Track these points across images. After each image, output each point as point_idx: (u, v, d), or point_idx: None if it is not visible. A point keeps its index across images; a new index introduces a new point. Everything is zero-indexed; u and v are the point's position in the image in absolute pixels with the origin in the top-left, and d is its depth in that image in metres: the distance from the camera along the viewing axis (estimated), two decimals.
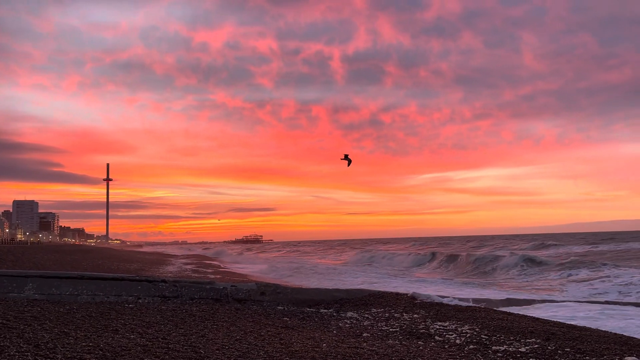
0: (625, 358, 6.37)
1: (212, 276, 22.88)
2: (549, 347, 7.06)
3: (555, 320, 10.37)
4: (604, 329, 9.50)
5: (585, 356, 6.54)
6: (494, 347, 7.11)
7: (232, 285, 11.84)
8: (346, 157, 18.85)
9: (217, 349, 6.01)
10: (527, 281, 27.89)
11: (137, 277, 11.41)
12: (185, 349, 5.90)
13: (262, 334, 7.43)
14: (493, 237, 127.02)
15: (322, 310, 10.72)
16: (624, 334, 8.95)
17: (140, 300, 10.48)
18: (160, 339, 6.37)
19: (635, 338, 8.50)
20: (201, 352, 5.75)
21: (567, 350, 6.85)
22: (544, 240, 77.49)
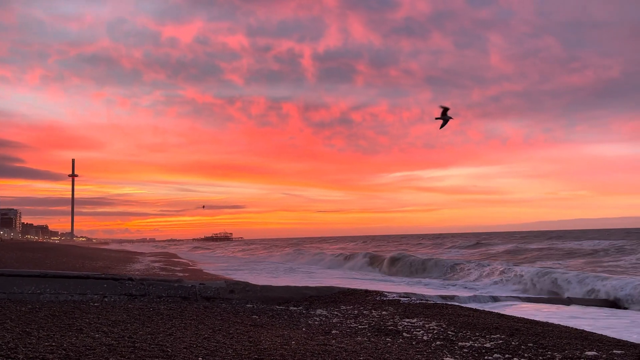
0: (586, 353, 6.58)
1: (181, 274, 22.62)
2: (513, 343, 7.24)
3: (518, 316, 10.62)
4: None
5: (547, 351, 6.72)
6: (460, 343, 7.24)
7: (200, 284, 11.73)
8: (444, 112, 14.82)
9: (184, 348, 5.94)
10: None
11: (103, 275, 11.20)
12: (152, 347, 5.82)
13: (231, 332, 7.39)
14: (453, 235, 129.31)
15: (291, 308, 10.72)
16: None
17: (106, 299, 10.28)
18: (126, 338, 6.26)
19: (595, 333, 8.78)
20: (168, 351, 5.68)
21: (530, 346, 7.03)
22: (493, 238, 79.10)
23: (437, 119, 15.37)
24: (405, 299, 12.36)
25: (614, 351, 6.71)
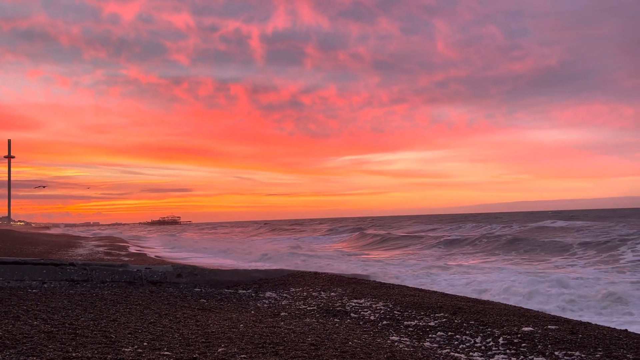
0: (523, 328, 6.90)
1: (126, 259, 22.04)
2: (456, 321, 7.50)
3: (462, 295, 11.01)
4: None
5: (487, 328, 7.00)
6: (405, 322, 7.44)
7: (146, 268, 11.48)
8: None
9: (129, 333, 5.80)
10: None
11: (42, 261, 10.75)
12: (95, 334, 5.65)
13: (178, 316, 7.28)
14: (400, 218, 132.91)
15: (240, 291, 10.67)
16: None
17: (45, 285, 9.89)
18: (67, 325, 6.05)
19: (532, 310, 9.24)
20: (112, 337, 5.53)
21: (471, 323, 7.30)
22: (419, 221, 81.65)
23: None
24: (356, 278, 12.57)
25: (549, 327, 7.08)
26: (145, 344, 5.33)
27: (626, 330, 7.23)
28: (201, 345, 5.40)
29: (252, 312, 8.21)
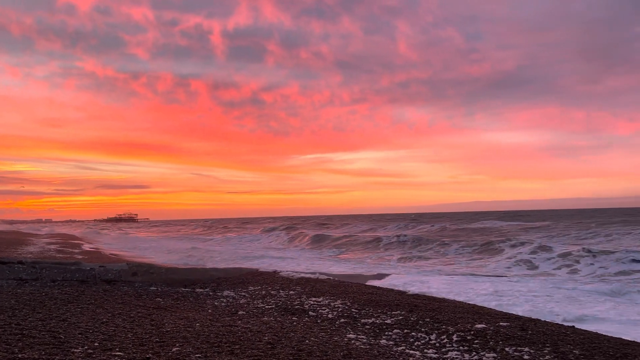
0: (476, 325, 7.08)
1: (80, 257, 21.39)
2: (412, 318, 7.62)
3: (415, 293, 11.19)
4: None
5: (442, 325, 7.14)
6: (363, 320, 7.50)
7: (100, 266, 11.17)
8: None
9: (79, 334, 5.63)
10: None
11: None
12: (43, 334, 5.45)
13: (132, 315, 7.12)
14: (355, 217, 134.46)
15: (197, 290, 10.52)
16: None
17: None
18: (13, 325, 5.82)
19: (485, 307, 9.48)
20: (61, 338, 5.36)
21: (427, 320, 7.44)
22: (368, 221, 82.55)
23: None
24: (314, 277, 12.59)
25: (501, 323, 7.28)
26: (96, 344, 5.18)
27: (573, 326, 7.52)
28: (155, 345, 5.30)
29: (209, 311, 8.11)
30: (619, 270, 16.88)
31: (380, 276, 15.97)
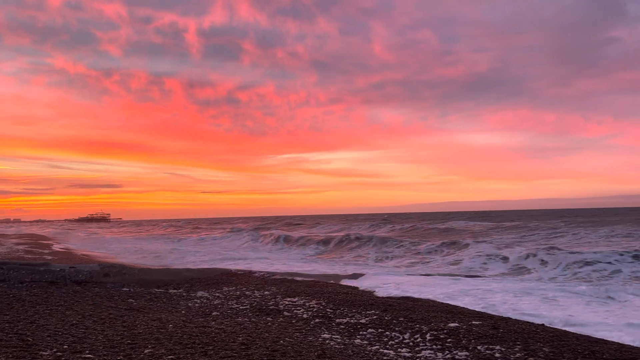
0: (449, 324, 7.16)
1: (49, 257, 20.92)
2: (386, 318, 7.67)
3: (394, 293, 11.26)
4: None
5: (416, 324, 7.21)
6: (337, 320, 7.52)
7: (70, 267, 10.95)
8: None
9: (48, 336, 5.51)
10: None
11: None
12: (10, 337, 5.32)
13: (103, 317, 6.99)
14: (329, 217, 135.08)
15: (171, 291, 10.40)
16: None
17: None
18: None
19: (458, 306, 9.59)
20: (29, 340, 5.23)
21: (401, 320, 7.49)
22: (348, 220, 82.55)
23: None
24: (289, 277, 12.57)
25: (473, 322, 7.38)
26: (65, 346, 5.07)
27: (543, 325, 7.67)
28: (127, 346, 5.21)
29: (183, 312, 8.02)
30: (583, 269, 17.26)
31: (355, 276, 16.01)
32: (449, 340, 6.30)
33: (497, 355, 5.62)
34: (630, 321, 8.08)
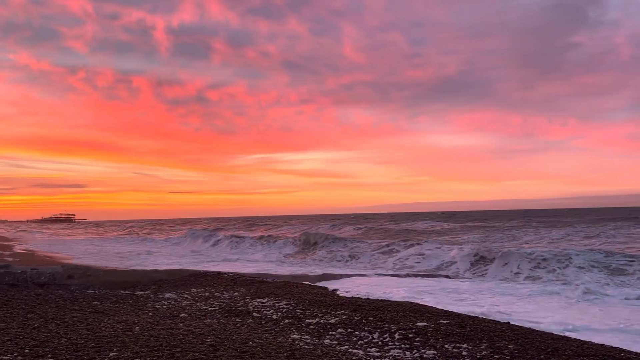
0: (417, 323, 7.24)
1: (10, 259, 20.28)
2: (356, 317, 7.70)
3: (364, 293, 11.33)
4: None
5: (385, 324, 7.26)
6: (307, 320, 7.51)
7: (32, 269, 10.64)
8: None
9: (9, 340, 5.33)
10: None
11: None
12: None
13: (66, 320, 6.81)
14: (299, 217, 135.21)
15: (138, 292, 10.21)
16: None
17: None
18: None
19: (427, 306, 9.71)
20: None
21: (370, 320, 7.54)
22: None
23: None
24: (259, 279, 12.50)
25: (441, 321, 7.48)
26: (26, 351, 4.92)
27: (508, 323, 7.83)
28: (91, 350, 5.09)
29: (150, 313, 7.89)
30: (542, 268, 17.74)
31: (326, 277, 16.05)
32: (417, 339, 6.37)
33: (464, 353, 5.71)
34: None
